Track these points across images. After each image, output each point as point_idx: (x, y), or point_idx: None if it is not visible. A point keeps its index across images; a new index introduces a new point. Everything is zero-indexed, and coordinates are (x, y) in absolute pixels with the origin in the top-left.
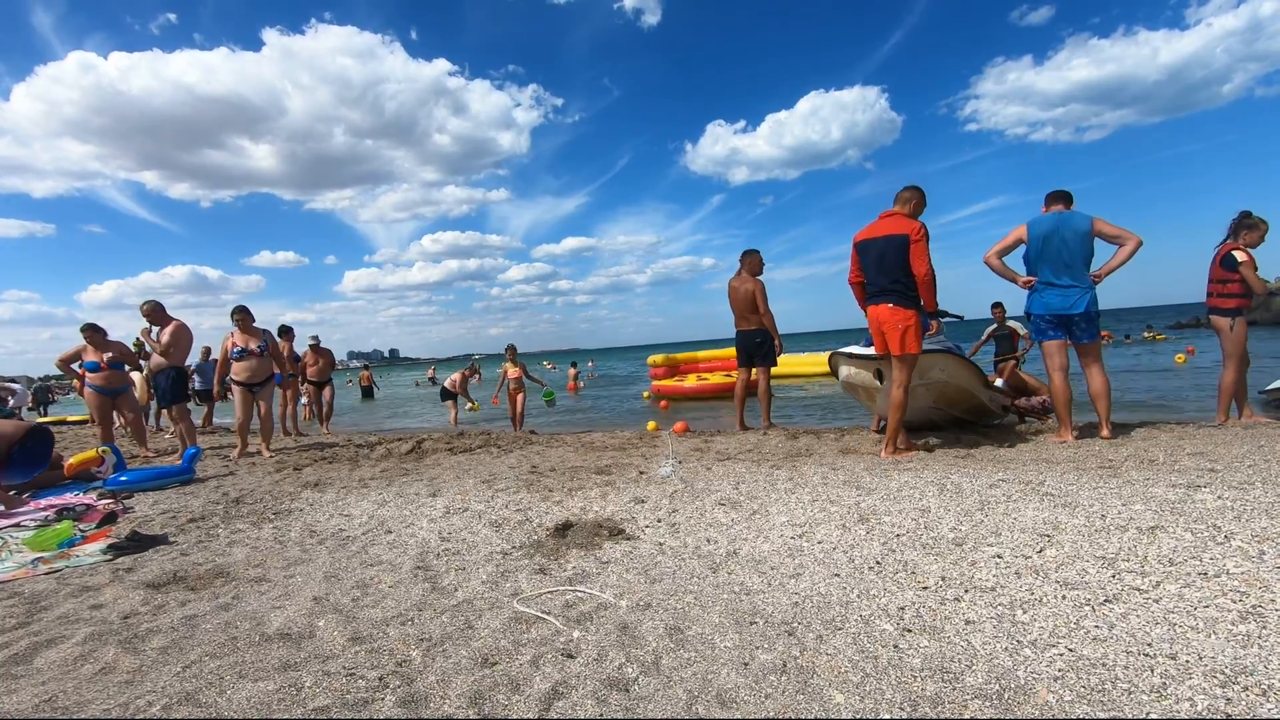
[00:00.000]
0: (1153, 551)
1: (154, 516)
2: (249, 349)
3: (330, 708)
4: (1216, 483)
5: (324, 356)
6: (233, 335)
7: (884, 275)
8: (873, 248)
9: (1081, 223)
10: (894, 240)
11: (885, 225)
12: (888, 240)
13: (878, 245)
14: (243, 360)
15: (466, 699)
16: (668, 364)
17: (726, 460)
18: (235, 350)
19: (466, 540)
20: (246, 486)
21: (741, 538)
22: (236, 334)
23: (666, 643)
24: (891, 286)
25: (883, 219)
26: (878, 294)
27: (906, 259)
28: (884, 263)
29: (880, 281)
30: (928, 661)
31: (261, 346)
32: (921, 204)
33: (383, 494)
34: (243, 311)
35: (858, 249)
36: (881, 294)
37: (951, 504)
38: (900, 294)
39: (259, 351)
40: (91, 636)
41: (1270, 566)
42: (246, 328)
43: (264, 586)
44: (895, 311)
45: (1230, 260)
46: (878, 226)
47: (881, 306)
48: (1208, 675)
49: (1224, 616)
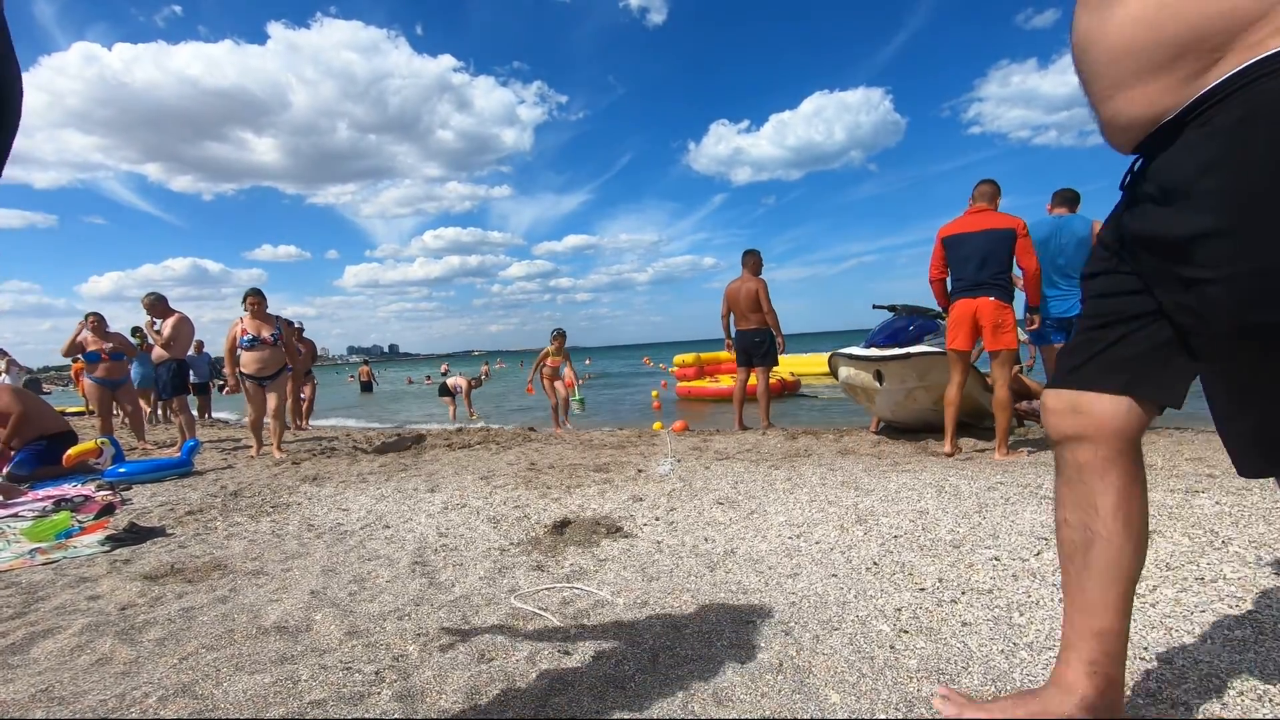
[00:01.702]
0: (1150, 556)
1: (152, 508)
2: (261, 337)
3: (326, 701)
4: (1214, 488)
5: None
6: (242, 321)
7: (985, 270)
8: (971, 242)
9: (1081, 227)
10: (999, 234)
11: (983, 220)
12: (990, 234)
13: (978, 240)
14: (254, 350)
15: (463, 694)
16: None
17: (725, 460)
18: (246, 339)
19: (464, 536)
20: (245, 480)
21: (739, 537)
22: (247, 320)
23: (663, 641)
24: (994, 281)
25: (975, 214)
26: (976, 287)
27: (1010, 254)
28: (986, 257)
29: (980, 276)
30: (924, 663)
31: (275, 335)
32: (999, 196)
33: (381, 489)
34: (256, 295)
35: (946, 244)
36: (981, 287)
37: (950, 506)
38: (1003, 289)
39: (273, 341)
40: (88, 627)
41: (1267, 572)
42: (259, 313)
43: (261, 579)
44: (1001, 308)
45: None
46: (972, 221)
47: (984, 300)
48: (1203, 680)
49: (1220, 622)
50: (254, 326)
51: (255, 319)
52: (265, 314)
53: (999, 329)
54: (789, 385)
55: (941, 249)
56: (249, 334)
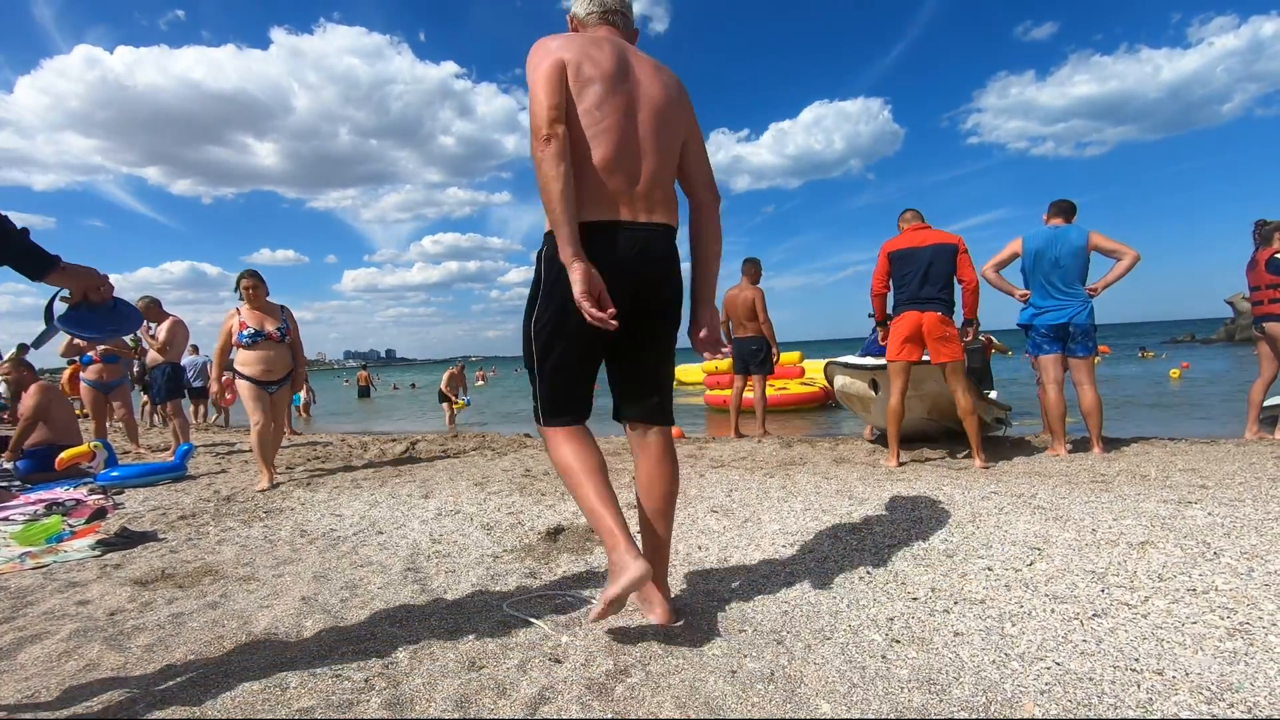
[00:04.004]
0: (1142, 567)
1: (144, 513)
2: (265, 331)
3: (315, 709)
4: (1207, 499)
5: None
6: (239, 313)
7: (930, 284)
8: (916, 257)
9: (1077, 237)
10: (943, 249)
11: (926, 236)
12: (936, 248)
13: (923, 254)
14: (255, 348)
15: (452, 702)
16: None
17: (720, 467)
18: (244, 334)
19: (458, 542)
20: (238, 485)
21: (733, 545)
22: (245, 310)
23: (654, 649)
24: (939, 295)
25: (916, 230)
26: (924, 301)
27: (953, 269)
28: (931, 272)
29: (927, 290)
30: (915, 673)
31: (282, 329)
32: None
33: (375, 494)
34: (253, 278)
35: (892, 258)
36: (929, 302)
37: (943, 515)
38: (947, 304)
39: (279, 336)
40: (76, 633)
41: (1258, 583)
42: (259, 302)
43: (252, 585)
44: (945, 321)
45: (1276, 263)
46: (915, 237)
47: (930, 314)
48: (1194, 691)
49: (1211, 633)
50: (254, 318)
51: (255, 309)
52: (266, 302)
53: (944, 341)
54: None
55: (886, 263)
56: (248, 328)
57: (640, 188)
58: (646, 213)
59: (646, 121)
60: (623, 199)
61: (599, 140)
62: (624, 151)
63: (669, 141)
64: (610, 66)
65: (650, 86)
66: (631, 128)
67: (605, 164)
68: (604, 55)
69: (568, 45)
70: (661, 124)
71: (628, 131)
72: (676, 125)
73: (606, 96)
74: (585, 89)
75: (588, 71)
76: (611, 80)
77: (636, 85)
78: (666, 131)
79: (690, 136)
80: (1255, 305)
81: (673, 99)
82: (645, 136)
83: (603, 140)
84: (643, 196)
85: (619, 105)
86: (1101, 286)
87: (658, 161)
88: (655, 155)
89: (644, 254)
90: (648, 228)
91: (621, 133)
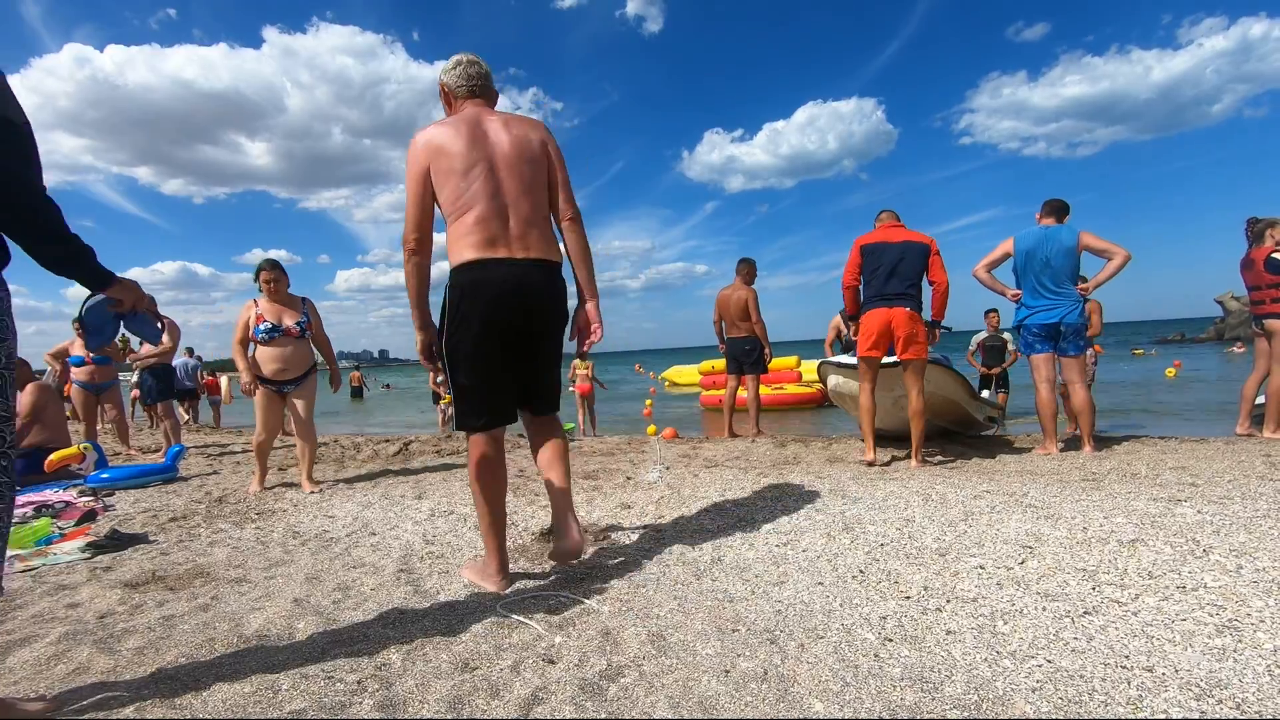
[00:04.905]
0: (1133, 564)
1: (135, 515)
2: (284, 326)
3: (307, 711)
4: (1197, 497)
5: None
6: (257, 305)
7: (900, 281)
8: (888, 252)
9: (1068, 237)
10: (914, 247)
11: (899, 233)
12: (906, 246)
13: (894, 251)
14: (273, 344)
15: (445, 703)
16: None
17: (714, 467)
18: (260, 328)
19: (451, 543)
20: (230, 486)
21: (726, 544)
22: (263, 303)
23: (648, 649)
24: (908, 292)
25: (891, 228)
26: (893, 297)
27: (923, 268)
28: (900, 269)
29: (896, 286)
30: (908, 671)
31: (302, 324)
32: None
33: (368, 495)
34: (274, 269)
35: (864, 252)
36: (897, 298)
37: (936, 514)
38: (916, 301)
39: (299, 331)
40: (66, 636)
41: (1247, 581)
42: (279, 294)
43: (244, 587)
44: (915, 319)
45: (1275, 263)
46: (889, 233)
47: (899, 310)
48: (1183, 688)
49: (1201, 630)
50: (272, 312)
51: (274, 302)
52: (287, 295)
53: (911, 340)
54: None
55: (859, 257)
56: (266, 321)
57: (514, 231)
58: (523, 251)
59: (506, 177)
60: (500, 241)
61: (470, 203)
62: (492, 206)
63: (531, 185)
64: (464, 148)
65: (503, 146)
66: (495, 185)
67: (480, 218)
68: (460, 138)
69: (429, 144)
70: (518, 175)
71: (492, 189)
72: (536, 169)
73: (467, 171)
74: (448, 178)
75: (448, 163)
76: (468, 157)
77: (492, 150)
78: (526, 178)
79: (551, 170)
80: (1255, 305)
81: (525, 148)
82: (509, 188)
83: (474, 201)
84: (518, 238)
85: (480, 172)
86: (1092, 286)
87: (527, 205)
88: (524, 203)
89: (521, 282)
90: (524, 262)
91: (487, 193)
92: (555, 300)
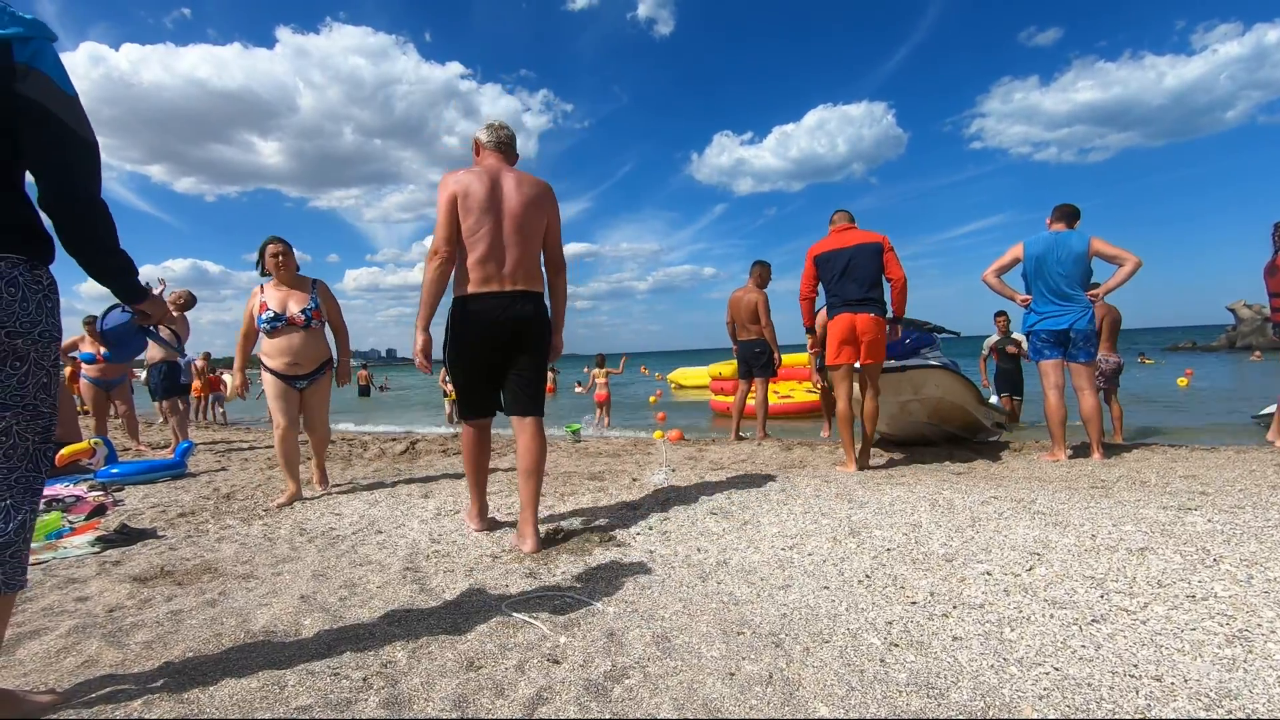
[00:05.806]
0: (1141, 573)
1: (144, 510)
2: (288, 315)
3: (313, 707)
4: (1207, 506)
5: None
6: (262, 291)
7: (859, 285)
8: (840, 258)
9: (1078, 243)
10: (865, 249)
11: (851, 236)
12: (859, 249)
13: (846, 255)
14: (277, 334)
15: (450, 702)
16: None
17: (720, 470)
18: (263, 317)
19: (457, 542)
20: (238, 483)
21: (732, 547)
22: (269, 289)
23: (653, 650)
24: (870, 295)
25: (842, 232)
26: (855, 303)
27: (878, 267)
28: (857, 272)
29: (856, 291)
30: (914, 677)
31: (308, 312)
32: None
33: (374, 493)
34: (280, 244)
35: (818, 262)
36: (860, 304)
37: (943, 520)
38: (878, 304)
39: (303, 320)
40: (75, 629)
41: (1258, 591)
42: (288, 271)
43: (251, 583)
44: (880, 323)
45: None
46: (841, 238)
47: (864, 315)
48: (1192, 698)
49: (1210, 640)
50: (277, 298)
51: (281, 284)
52: (296, 276)
53: (874, 344)
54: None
55: (813, 268)
56: (269, 309)
57: (507, 270)
58: (512, 284)
59: (510, 229)
60: (494, 279)
61: (476, 244)
62: (493, 249)
63: (528, 237)
64: (483, 194)
65: (512, 201)
66: (499, 234)
67: (481, 258)
68: (481, 186)
69: (459, 181)
70: (520, 227)
71: (496, 236)
72: (535, 223)
73: (481, 216)
74: (468, 214)
75: (469, 202)
76: (484, 203)
77: (502, 202)
78: (526, 231)
79: (549, 227)
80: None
81: (530, 206)
82: (509, 237)
83: (478, 244)
84: (509, 276)
85: (490, 219)
86: (1102, 292)
87: (520, 252)
88: (517, 248)
89: (509, 309)
90: (512, 294)
91: (491, 238)
92: (536, 322)
